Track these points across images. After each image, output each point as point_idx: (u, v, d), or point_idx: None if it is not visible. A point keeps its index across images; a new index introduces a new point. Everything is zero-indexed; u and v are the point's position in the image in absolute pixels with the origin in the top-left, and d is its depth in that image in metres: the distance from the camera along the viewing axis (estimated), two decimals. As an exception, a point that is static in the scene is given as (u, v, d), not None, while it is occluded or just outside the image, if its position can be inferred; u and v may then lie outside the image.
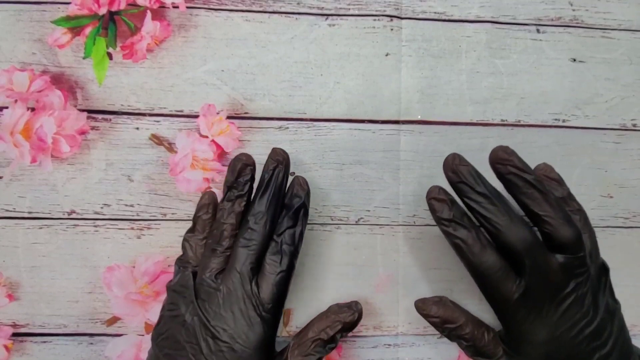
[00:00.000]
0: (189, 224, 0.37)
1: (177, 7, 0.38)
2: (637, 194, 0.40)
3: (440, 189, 0.32)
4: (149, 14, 0.36)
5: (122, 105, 0.37)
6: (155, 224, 0.37)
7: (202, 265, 0.32)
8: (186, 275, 0.32)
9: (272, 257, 0.31)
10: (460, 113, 0.39)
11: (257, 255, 0.31)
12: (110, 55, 0.37)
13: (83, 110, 0.37)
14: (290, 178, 0.35)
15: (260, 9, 0.38)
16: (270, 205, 0.32)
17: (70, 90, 0.37)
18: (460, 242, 0.31)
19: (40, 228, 0.37)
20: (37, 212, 0.37)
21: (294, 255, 0.32)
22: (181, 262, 0.33)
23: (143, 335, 0.37)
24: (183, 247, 0.34)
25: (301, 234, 0.32)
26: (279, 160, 0.33)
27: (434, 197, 0.32)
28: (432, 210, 0.32)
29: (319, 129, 0.38)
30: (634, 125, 0.40)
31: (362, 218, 0.38)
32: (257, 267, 0.31)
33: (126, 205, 0.37)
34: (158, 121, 0.37)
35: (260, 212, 0.31)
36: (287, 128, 0.38)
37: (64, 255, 0.37)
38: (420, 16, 0.39)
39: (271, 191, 0.32)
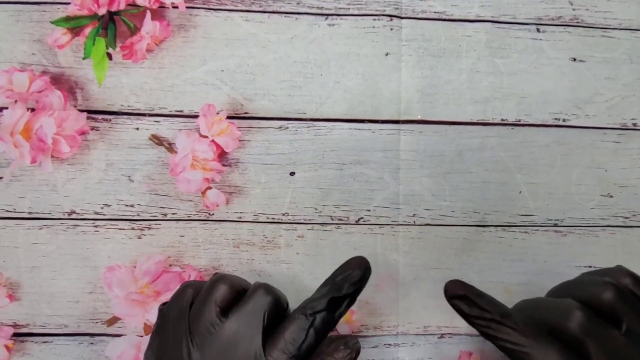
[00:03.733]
0: (190, 224, 0.38)
1: (176, 7, 0.37)
2: (637, 194, 0.40)
3: (457, 284, 0.29)
4: (148, 14, 0.36)
5: (122, 105, 0.37)
6: (155, 224, 0.37)
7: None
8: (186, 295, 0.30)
9: (293, 335, 0.27)
10: (460, 112, 0.39)
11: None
12: (110, 56, 0.37)
13: (83, 111, 0.37)
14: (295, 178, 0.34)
15: (260, 9, 0.38)
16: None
17: (70, 91, 0.37)
18: (509, 345, 0.27)
19: (41, 228, 0.37)
20: (38, 213, 0.37)
21: (318, 342, 0.28)
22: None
23: (142, 336, 0.37)
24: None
25: (335, 322, 0.29)
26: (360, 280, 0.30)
27: (454, 295, 0.29)
28: (459, 312, 0.29)
29: (318, 129, 0.38)
30: (635, 124, 0.40)
31: (362, 218, 0.38)
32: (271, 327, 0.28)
33: (126, 205, 0.37)
34: (158, 121, 0.37)
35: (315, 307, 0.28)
36: (287, 128, 0.38)
37: (65, 255, 0.37)
38: (420, 16, 0.39)
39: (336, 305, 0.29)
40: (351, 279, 0.30)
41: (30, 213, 0.37)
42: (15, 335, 0.36)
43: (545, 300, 0.29)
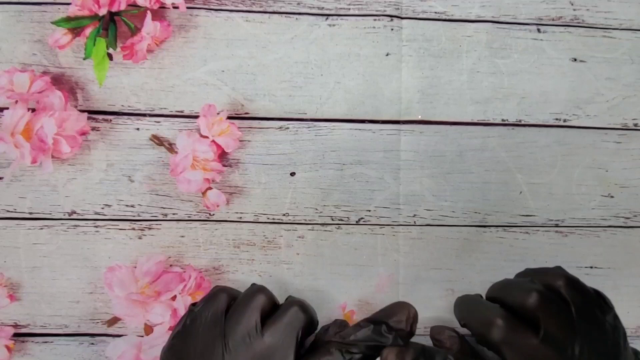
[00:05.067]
0: (190, 224, 0.38)
1: (177, 7, 0.37)
2: (638, 194, 0.40)
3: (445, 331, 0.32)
4: (149, 15, 0.36)
5: (122, 105, 0.37)
6: (156, 224, 0.37)
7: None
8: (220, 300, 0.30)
9: None
10: (460, 113, 0.39)
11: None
12: (110, 56, 0.37)
13: (83, 111, 0.37)
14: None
15: (261, 9, 0.38)
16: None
17: (71, 91, 0.37)
18: None
19: (41, 228, 0.37)
20: (38, 213, 0.37)
21: None
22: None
23: (143, 336, 0.37)
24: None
25: None
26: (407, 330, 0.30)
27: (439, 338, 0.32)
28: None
29: (319, 129, 0.38)
30: (635, 124, 0.40)
31: (362, 218, 0.38)
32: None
33: (127, 205, 0.37)
34: (158, 122, 0.37)
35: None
36: (288, 128, 0.38)
37: (65, 255, 0.37)
38: (421, 16, 0.39)
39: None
40: (399, 332, 0.29)
41: (30, 213, 0.37)
42: (16, 335, 0.36)
43: (477, 305, 0.32)
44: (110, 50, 0.37)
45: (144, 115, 0.37)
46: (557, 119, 0.40)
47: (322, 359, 0.28)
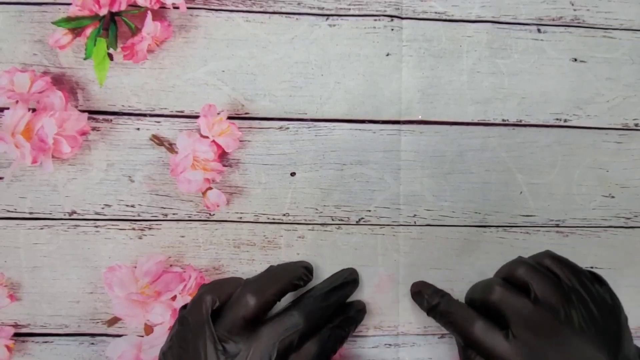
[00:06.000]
0: (190, 224, 0.38)
1: (177, 7, 0.38)
2: (639, 194, 0.40)
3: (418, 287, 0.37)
4: (149, 15, 0.36)
5: (122, 105, 0.37)
6: (156, 224, 0.37)
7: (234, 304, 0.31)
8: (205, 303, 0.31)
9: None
10: (461, 113, 0.39)
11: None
12: (111, 56, 0.37)
13: (84, 111, 0.37)
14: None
15: (261, 10, 0.38)
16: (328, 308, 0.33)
17: (71, 91, 0.37)
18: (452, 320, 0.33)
19: (42, 228, 0.37)
20: (38, 213, 0.37)
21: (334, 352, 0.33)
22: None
23: (143, 336, 0.37)
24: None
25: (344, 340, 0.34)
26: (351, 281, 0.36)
27: (415, 291, 0.37)
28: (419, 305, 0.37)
29: (319, 129, 0.38)
30: (636, 125, 0.40)
31: (362, 218, 0.38)
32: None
33: (127, 205, 0.37)
34: (159, 122, 0.38)
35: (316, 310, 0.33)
36: (288, 128, 0.38)
37: (65, 255, 0.37)
38: (421, 16, 0.39)
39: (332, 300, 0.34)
40: (350, 276, 0.36)
41: (31, 213, 0.37)
42: (16, 335, 0.37)
43: (478, 282, 0.35)
44: (111, 51, 0.37)
45: (144, 115, 0.38)
46: (557, 119, 0.40)
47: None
